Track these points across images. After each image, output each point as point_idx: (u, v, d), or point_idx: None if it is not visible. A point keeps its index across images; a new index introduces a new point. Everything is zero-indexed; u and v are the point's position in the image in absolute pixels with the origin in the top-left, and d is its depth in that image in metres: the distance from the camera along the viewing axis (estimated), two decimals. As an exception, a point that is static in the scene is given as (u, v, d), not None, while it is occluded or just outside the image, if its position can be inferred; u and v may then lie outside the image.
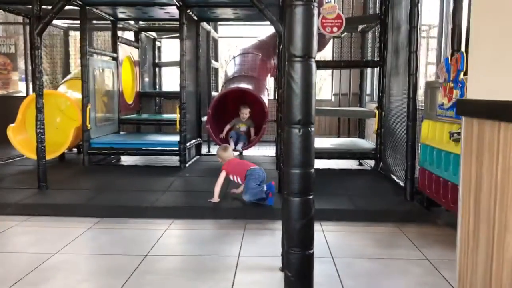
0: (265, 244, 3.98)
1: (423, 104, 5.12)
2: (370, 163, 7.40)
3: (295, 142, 1.87)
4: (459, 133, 4.08)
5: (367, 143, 7.51)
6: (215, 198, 4.97)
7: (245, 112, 7.73)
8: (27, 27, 10.01)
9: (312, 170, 1.92)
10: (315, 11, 1.84)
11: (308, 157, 1.89)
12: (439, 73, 4.66)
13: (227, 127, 7.81)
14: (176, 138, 7.08)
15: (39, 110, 5.45)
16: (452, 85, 4.24)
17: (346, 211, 4.71)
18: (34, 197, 5.19)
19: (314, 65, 1.88)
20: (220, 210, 4.84)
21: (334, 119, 9.93)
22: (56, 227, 4.43)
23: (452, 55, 4.95)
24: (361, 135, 8.38)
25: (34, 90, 7.68)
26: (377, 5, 7.70)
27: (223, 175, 5.11)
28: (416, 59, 5.06)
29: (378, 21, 6.76)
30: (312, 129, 1.90)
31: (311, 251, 1.94)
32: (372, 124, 7.64)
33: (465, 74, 4.10)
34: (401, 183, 5.58)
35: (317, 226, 4.02)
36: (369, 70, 8.65)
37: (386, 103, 6.52)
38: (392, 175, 6.11)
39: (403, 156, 5.57)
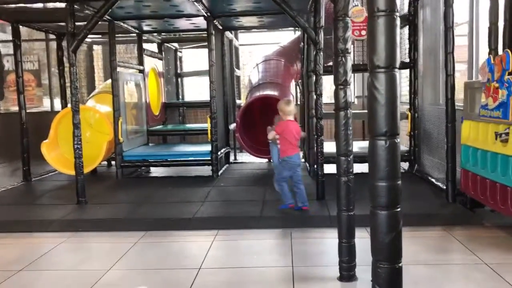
0: (317, 254, 3.95)
1: (460, 105, 5.06)
2: (403, 165, 7.32)
3: (381, 153, 1.85)
4: (507, 133, 4.03)
5: (400, 145, 7.44)
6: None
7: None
8: (50, 44, 10.14)
9: (399, 182, 1.89)
10: (398, 21, 1.82)
11: (395, 169, 1.87)
12: (480, 73, 4.61)
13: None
14: (205, 148, 7.11)
15: (76, 126, 5.50)
16: (497, 85, 4.18)
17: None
18: (76, 213, 5.23)
19: (398, 76, 1.86)
20: (263, 219, 4.82)
21: (358, 122, 9.84)
22: (102, 243, 4.45)
23: (490, 54, 4.89)
24: (391, 137, 8.30)
25: (64, 107, 7.79)
26: (403, 6, 7.66)
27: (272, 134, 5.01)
28: (453, 60, 5.01)
29: (406, 23, 6.71)
30: (398, 140, 1.87)
31: (400, 264, 1.92)
32: (403, 126, 7.58)
33: (510, 73, 4.06)
34: (440, 185, 5.52)
35: (363, 232, 3.98)
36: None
37: (419, 105, 6.46)
38: (429, 177, 6.05)
39: (441, 158, 5.53)
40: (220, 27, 7.80)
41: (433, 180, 5.88)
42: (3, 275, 3.61)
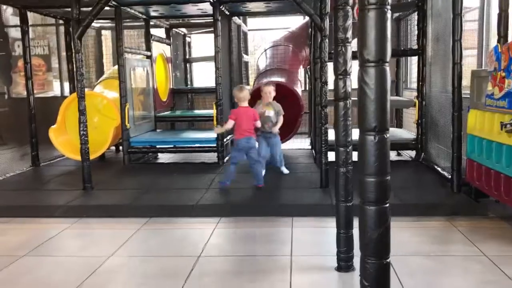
0: (316, 243, 3.96)
1: (467, 93, 4.98)
2: (409, 153, 7.27)
3: (371, 149, 1.83)
4: (512, 124, 3.97)
5: (407, 133, 7.38)
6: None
7: (269, 91, 6.17)
8: (60, 28, 10.16)
9: (388, 178, 1.88)
10: (389, 14, 1.79)
11: (384, 165, 1.85)
12: (487, 62, 4.53)
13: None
14: (211, 134, 7.10)
15: (82, 112, 5.52)
16: (503, 74, 4.10)
17: (394, 206, 4.54)
18: (81, 199, 5.29)
19: (388, 70, 1.83)
20: (266, 207, 4.84)
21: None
22: (106, 229, 4.50)
23: (499, 42, 4.80)
24: (399, 125, 8.24)
25: (72, 92, 7.82)
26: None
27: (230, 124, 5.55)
28: (461, 48, 4.92)
29: (415, 8, 6.60)
30: (388, 135, 1.85)
31: (388, 260, 1.91)
32: (410, 114, 7.51)
33: (518, 62, 3.98)
34: (446, 174, 5.47)
35: (366, 222, 3.96)
36: (403, 58, 8.47)
37: (427, 92, 6.38)
38: (435, 166, 5.99)
39: (447, 147, 5.47)
40: (227, 13, 7.74)
41: (439, 169, 5.83)
42: (7, 260, 3.68)
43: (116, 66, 7.31)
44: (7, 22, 10.16)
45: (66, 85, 9.71)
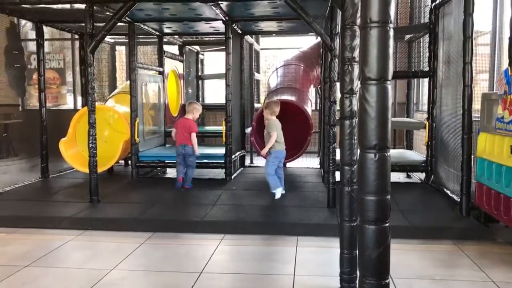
0: (320, 263, 3.91)
1: (478, 116, 4.94)
2: (419, 175, 7.20)
3: (371, 167, 1.81)
4: (522, 148, 3.91)
5: (416, 155, 7.32)
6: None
7: (264, 113, 6.21)
8: (75, 43, 10.35)
9: (388, 197, 1.85)
10: (391, 33, 1.79)
11: (384, 183, 1.82)
12: (497, 85, 4.49)
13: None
14: (220, 151, 7.11)
15: (92, 125, 5.58)
16: (513, 97, 4.07)
17: (401, 228, 4.56)
18: (87, 211, 5.30)
19: (390, 88, 1.82)
20: (271, 225, 4.80)
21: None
22: (109, 242, 4.49)
23: (510, 65, 4.76)
24: (409, 147, 8.18)
25: (84, 105, 7.91)
26: (423, 14, 7.55)
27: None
28: (471, 70, 4.91)
29: (427, 31, 6.61)
30: (389, 153, 1.83)
31: (387, 281, 1.87)
32: (420, 135, 7.45)
33: (528, 86, 3.94)
34: (455, 198, 5.40)
35: (371, 244, 3.90)
36: (415, 80, 8.45)
37: (437, 114, 6.34)
38: (444, 189, 5.92)
39: (457, 170, 5.41)
40: (240, 31, 7.81)
41: (448, 192, 5.75)
42: (9, 270, 3.68)
43: (129, 81, 7.40)
44: (25, 36, 10.38)
45: (80, 99, 9.84)
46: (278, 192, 5.78)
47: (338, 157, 5.35)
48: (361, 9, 1.83)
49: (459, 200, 5.09)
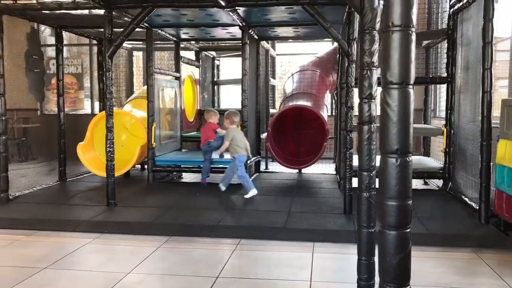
0: (337, 269, 3.88)
1: (497, 122, 4.87)
2: (436, 182, 7.11)
3: (392, 172, 1.80)
4: (543, 155, 3.85)
5: (434, 162, 7.24)
6: None
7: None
8: (93, 48, 10.47)
9: (410, 202, 1.83)
10: (413, 37, 1.77)
11: (406, 188, 1.81)
12: (518, 91, 4.43)
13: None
14: (236, 156, 7.09)
15: (109, 129, 5.63)
16: (535, 104, 4.00)
17: (419, 235, 4.50)
18: (104, 215, 5.34)
19: (412, 92, 1.80)
20: (286, 231, 4.78)
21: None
22: (126, 245, 4.52)
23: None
24: (426, 153, 8.10)
25: (101, 110, 7.99)
26: (441, 20, 7.49)
27: None
28: (491, 76, 4.84)
29: (445, 36, 6.55)
30: (410, 158, 1.81)
31: (408, 287, 1.84)
32: (437, 142, 7.38)
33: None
34: (474, 205, 5.32)
35: (388, 251, 3.86)
36: (432, 86, 8.37)
37: (455, 121, 6.27)
38: (462, 196, 5.84)
39: (475, 177, 5.33)
40: (256, 37, 7.84)
41: (466, 199, 5.67)
42: (28, 272, 3.72)
43: (146, 86, 7.46)
44: (44, 41, 10.54)
45: (97, 104, 9.96)
46: (252, 193, 6.14)
47: (355, 163, 5.36)
48: (383, 13, 1.82)
49: (478, 207, 5.02)
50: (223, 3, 5.44)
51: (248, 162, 7.12)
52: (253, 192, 6.15)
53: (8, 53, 6.10)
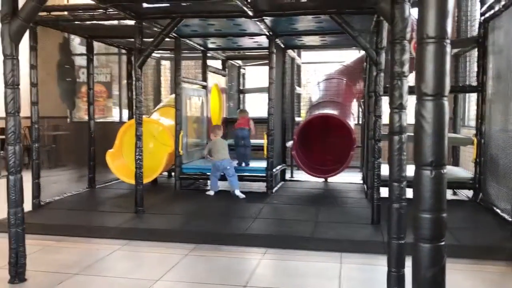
0: (365, 280, 3.84)
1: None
2: (466, 193, 6.98)
3: (426, 184, 1.78)
4: None
5: (464, 172, 7.11)
6: None
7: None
8: (122, 57, 10.67)
9: (444, 215, 1.81)
10: (448, 48, 1.76)
11: (440, 201, 1.79)
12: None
13: None
14: (261, 164, 7.13)
15: (138, 137, 5.72)
16: None
17: (450, 246, 4.37)
18: (133, 221, 5.42)
19: (446, 104, 1.79)
20: (314, 240, 4.76)
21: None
22: (154, 252, 4.57)
23: None
24: (456, 163, 7.96)
25: (130, 118, 8.13)
26: (472, 27, 7.39)
27: None
28: (525, 85, 4.75)
29: (475, 44, 6.45)
30: (445, 170, 1.79)
31: (442, 301, 1.82)
32: (467, 151, 7.25)
33: None
34: (506, 217, 5.20)
35: (418, 262, 3.80)
36: (462, 95, 8.24)
37: (486, 130, 6.16)
38: (494, 208, 5.71)
39: (508, 188, 5.22)
40: (282, 46, 7.87)
41: (498, 210, 5.54)
42: (59, 277, 3.80)
43: (173, 95, 7.57)
44: (74, 50, 10.79)
45: (125, 112, 10.12)
46: (211, 192, 6.96)
47: (383, 172, 5.31)
48: (417, 24, 1.81)
49: (510, 219, 4.90)
50: (250, 13, 5.49)
51: (274, 170, 7.13)
52: (211, 192, 6.93)
53: (41, 63, 6.27)
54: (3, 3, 3.44)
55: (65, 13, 6.26)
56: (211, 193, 6.93)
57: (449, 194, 7.23)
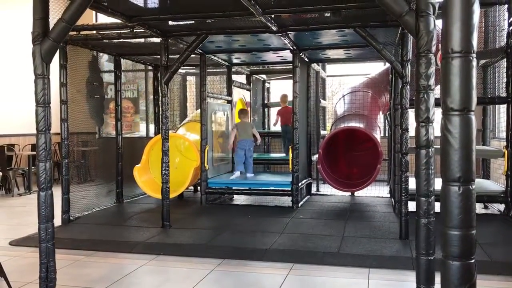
0: (394, 297, 3.76)
1: None
2: (497, 206, 6.80)
3: (454, 200, 1.75)
4: None
5: (494, 185, 6.93)
6: None
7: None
8: (148, 74, 10.88)
9: (474, 232, 1.77)
10: (474, 62, 1.74)
11: (469, 217, 1.75)
12: None
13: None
14: (287, 178, 7.12)
15: (165, 152, 5.79)
16: None
17: (481, 262, 4.28)
18: (159, 236, 5.46)
19: (473, 119, 1.76)
20: (340, 256, 4.70)
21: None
22: (181, 267, 4.59)
23: None
24: (486, 176, 7.77)
25: (157, 133, 8.24)
26: (498, 38, 7.26)
27: None
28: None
29: (504, 55, 6.33)
30: (473, 186, 1.76)
31: (474, 321, 1.77)
32: (498, 164, 7.07)
33: None
34: (540, 232, 5.04)
35: (448, 279, 3.70)
36: (491, 106, 8.07)
37: (517, 142, 6.01)
38: (527, 222, 5.54)
39: (541, 202, 5.06)
40: (307, 60, 7.88)
41: (532, 225, 5.38)
42: (88, 292, 3.85)
43: (199, 110, 7.65)
44: (102, 68, 11.05)
45: (151, 127, 10.28)
46: (237, 173, 7.53)
47: (411, 186, 5.22)
48: (442, 38, 1.80)
49: (544, 234, 4.75)
50: (274, 29, 5.53)
51: (299, 184, 7.10)
52: (236, 173, 7.50)
53: (71, 80, 6.44)
54: (34, 25, 3.55)
55: (94, 32, 6.44)
56: (238, 173, 7.48)
57: (479, 208, 7.05)
